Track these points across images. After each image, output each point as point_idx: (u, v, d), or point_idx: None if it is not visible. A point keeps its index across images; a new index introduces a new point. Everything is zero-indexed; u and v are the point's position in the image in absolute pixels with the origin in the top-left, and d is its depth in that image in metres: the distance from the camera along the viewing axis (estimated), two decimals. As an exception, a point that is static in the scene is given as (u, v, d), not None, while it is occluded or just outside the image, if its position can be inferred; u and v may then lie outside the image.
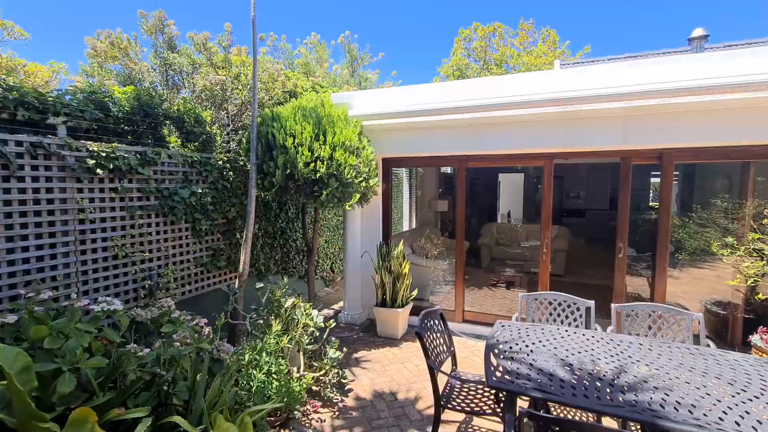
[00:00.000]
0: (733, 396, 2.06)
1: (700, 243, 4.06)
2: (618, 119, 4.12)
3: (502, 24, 24.30)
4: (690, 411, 1.93)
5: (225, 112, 5.95)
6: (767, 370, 2.34)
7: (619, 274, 4.42)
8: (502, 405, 2.64)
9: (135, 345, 2.36)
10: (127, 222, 3.83)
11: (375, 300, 5.22)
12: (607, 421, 2.96)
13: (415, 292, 5.27)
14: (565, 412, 2.90)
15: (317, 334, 3.75)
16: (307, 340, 3.59)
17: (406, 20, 38.87)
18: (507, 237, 8.63)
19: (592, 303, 3.33)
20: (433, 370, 2.61)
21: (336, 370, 3.71)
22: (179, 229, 4.43)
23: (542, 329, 2.97)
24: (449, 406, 2.72)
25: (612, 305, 3.31)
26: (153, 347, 2.54)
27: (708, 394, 2.08)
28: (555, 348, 2.63)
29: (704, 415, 1.90)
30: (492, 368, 2.37)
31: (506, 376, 2.28)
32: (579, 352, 2.57)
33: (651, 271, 4.36)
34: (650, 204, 10.09)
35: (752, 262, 3.45)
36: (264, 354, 3.25)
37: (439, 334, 3.08)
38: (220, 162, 4.91)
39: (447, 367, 3.18)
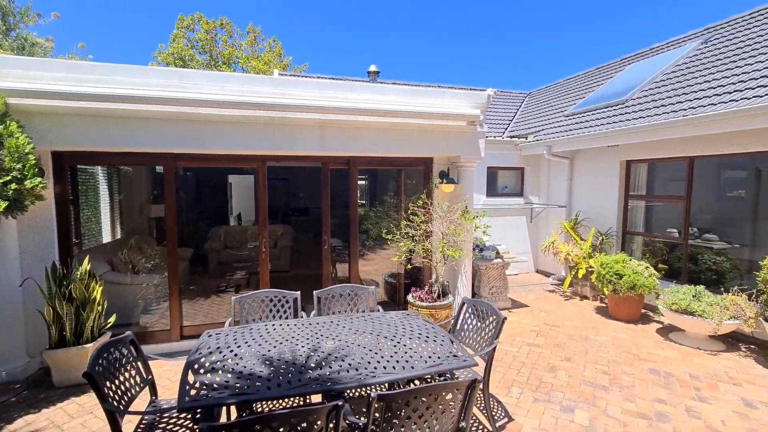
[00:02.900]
0: (387, 345, 2.72)
1: (379, 231, 5.26)
2: (317, 128, 4.71)
3: (230, 21, 23.60)
4: (357, 369, 2.39)
5: None
6: (408, 321, 3.23)
7: (325, 262, 5.11)
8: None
9: None
10: None
11: (48, 341, 3.90)
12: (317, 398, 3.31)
13: (112, 319, 4.28)
14: (272, 407, 3.06)
15: None
16: None
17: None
18: (236, 239, 8.42)
19: (297, 294, 3.66)
20: (113, 414, 2.14)
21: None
22: None
23: (250, 329, 3.01)
24: (146, 445, 2.33)
25: (314, 292, 3.75)
26: None
27: (371, 350, 2.65)
28: (260, 345, 2.71)
29: (365, 369, 2.39)
30: (187, 387, 2.17)
31: (202, 392, 2.14)
32: (281, 343, 2.74)
33: (349, 257, 5.27)
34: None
35: (405, 242, 4.78)
36: None
37: (130, 366, 2.58)
38: None
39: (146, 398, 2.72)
